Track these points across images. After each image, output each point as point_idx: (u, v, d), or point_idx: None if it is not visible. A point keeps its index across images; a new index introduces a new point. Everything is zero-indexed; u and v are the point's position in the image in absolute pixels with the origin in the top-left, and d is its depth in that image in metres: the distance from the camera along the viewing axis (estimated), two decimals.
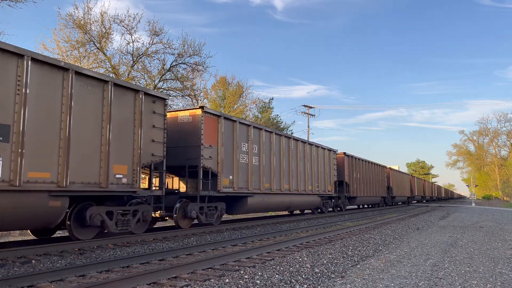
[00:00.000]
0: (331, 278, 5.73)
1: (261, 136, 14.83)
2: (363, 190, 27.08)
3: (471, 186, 56.92)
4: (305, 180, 18.28)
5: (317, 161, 19.90)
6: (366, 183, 27.92)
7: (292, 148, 17.31)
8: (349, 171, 24.54)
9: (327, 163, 21.36)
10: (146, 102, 9.77)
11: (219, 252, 7.80)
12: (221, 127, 12.54)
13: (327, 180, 21.06)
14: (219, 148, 12.39)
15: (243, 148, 13.73)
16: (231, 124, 13.28)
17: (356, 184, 25.70)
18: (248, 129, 14.14)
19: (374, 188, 29.87)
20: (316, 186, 19.53)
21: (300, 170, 17.83)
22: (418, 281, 5.47)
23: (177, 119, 12.40)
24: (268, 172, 15.17)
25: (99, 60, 21.98)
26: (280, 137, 16.52)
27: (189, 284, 5.08)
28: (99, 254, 7.59)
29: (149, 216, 9.99)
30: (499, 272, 6.24)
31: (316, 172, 19.71)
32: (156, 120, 10.08)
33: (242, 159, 13.59)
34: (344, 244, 8.98)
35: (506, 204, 55.55)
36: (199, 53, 24.44)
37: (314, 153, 19.70)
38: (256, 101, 37.99)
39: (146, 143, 9.71)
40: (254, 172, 14.16)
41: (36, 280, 5.12)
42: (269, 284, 5.18)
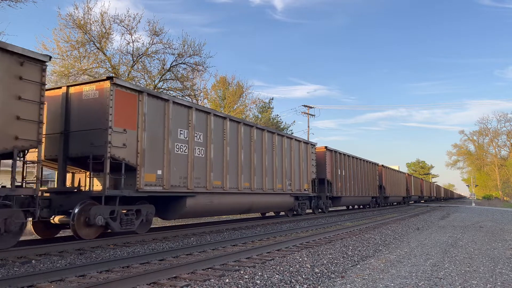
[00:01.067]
0: (331, 278, 5.73)
1: (209, 122, 12.04)
2: (350, 190, 24.61)
3: (471, 186, 56.93)
4: (273, 177, 15.56)
5: (289, 155, 17.16)
6: (354, 182, 25.51)
7: (256, 138, 14.57)
8: (332, 168, 22.03)
9: (303, 158, 18.49)
10: (3, 62, 7.07)
11: (219, 252, 7.80)
12: (143, 106, 9.74)
13: (303, 178, 18.22)
14: (140, 134, 9.59)
15: (181, 135, 10.94)
16: (161, 104, 10.42)
17: (341, 183, 23.27)
18: (189, 112, 11.30)
19: (363, 188, 27.48)
20: (288, 185, 16.80)
21: (266, 165, 15.07)
22: (418, 281, 5.47)
23: (82, 95, 9.62)
24: (219, 167, 12.38)
25: (99, 60, 21.98)
26: (238, 124, 13.72)
27: (189, 284, 5.08)
28: (99, 254, 7.58)
29: (13, 224, 7.15)
30: (499, 272, 6.24)
31: (288, 168, 16.90)
32: (25, 90, 7.37)
33: (179, 150, 10.82)
34: (344, 244, 8.98)
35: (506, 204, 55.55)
36: (199, 53, 24.42)
37: (286, 146, 16.88)
38: (256, 101, 38.02)
39: (5, 120, 7.07)
40: (197, 166, 11.40)
41: (36, 280, 5.12)
42: (269, 284, 5.18)
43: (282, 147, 16.57)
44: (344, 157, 24.34)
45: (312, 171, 19.48)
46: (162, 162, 10.29)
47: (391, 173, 36.02)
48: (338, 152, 23.34)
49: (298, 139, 18.28)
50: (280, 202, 16.68)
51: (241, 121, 14.11)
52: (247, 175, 13.96)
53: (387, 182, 34.07)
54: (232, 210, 14.16)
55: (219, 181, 12.47)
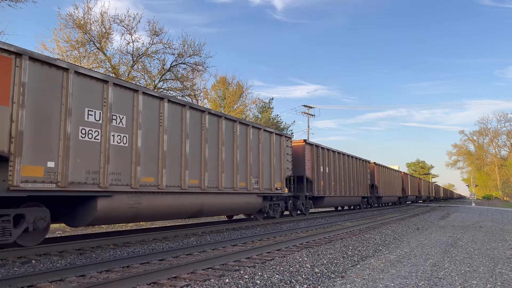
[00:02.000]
0: (331, 278, 5.74)
1: (136, 102, 9.46)
2: (335, 189, 22.04)
3: (471, 186, 56.93)
4: (233, 174, 13.02)
5: (257, 148, 14.63)
6: (340, 180, 23.05)
7: (208, 126, 11.91)
8: (312, 165, 19.42)
9: (275, 152, 15.94)
10: None
11: (219, 252, 7.80)
12: (21, 74, 7.12)
13: (275, 175, 15.60)
14: (16, 111, 7.02)
15: (89, 117, 8.39)
16: (56, 74, 7.77)
17: (324, 181, 20.71)
18: (104, 88, 8.70)
19: (352, 187, 25.03)
20: (255, 183, 14.28)
21: (223, 159, 12.48)
22: (418, 281, 5.47)
23: None
24: (151, 160, 9.78)
25: (99, 60, 22.01)
26: (183, 108, 11.00)
27: (189, 284, 5.08)
28: (99, 254, 7.59)
29: None
30: (499, 272, 6.24)
31: (254, 163, 14.33)
32: None
33: (86, 136, 8.28)
34: (344, 244, 8.98)
35: (506, 204, 55.55)
36: (199, 53, 24.48)
37: (252, 137, 14.29)
38: (256, 101, 38.08)
39: None
40: (115, 158, 8.83)
41: (36, 280, 5.12)
42: (269, 284, 5.18)
43: (246, 138, 13.97)
44: (328, 152, 21.69)
45: (287, 167, 16.75)
46: (57, 151, 7.68)
47: (384, 172, 33.70)
48: (321, 147, 20.67)
49: (268, 130, 15.66)
50: (244, 203, 13.77)
51: (187, 104, 11.24)
52: (195, 170, 11.27)
53: (380, 181, 31.82)
54: (172, 214, 10.90)
55: (152, 178, 9.79)
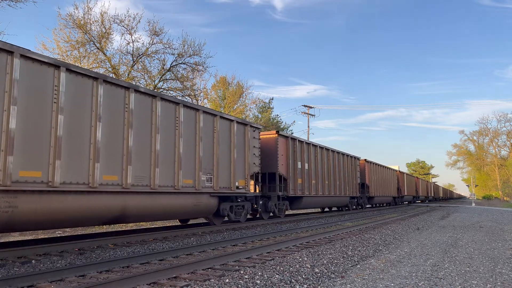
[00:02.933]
0: (331, 278, 5.73)
1: None
2: (316, 188, 19.39)
3: (471, 186, 56.92)
4: (174, 169, 10.45)
5: (211, 139, 12.00)
6: (323, 179, 20.34)
7: (134, 107, 9.31)
8: (287, 160, 16.77)
9: (237, 144, 13.24)
10: None
11: (219, 252, 7.80)
12: None
13: (237, 171, 13.11)
14: None
15: None
16: None
17: (303, 179, 18.03)
18: None
19: (337, 186, 22.31)
20: (207, 180, 11.61)
21: (158, 150, 9.89)
22: (418, 281, 5.47)
23: None
24: (32, 146, 7.33)
25: (99, 60, 22.00)
26: (95, 82, 8.50)
27: (189, 284, 5.08)
28: (99, 254, 7.59)
29: None
30: (499, 272, 6.24)
31: (207, 157, 11.68)
32: None
33: None
34: (344, 244, 8.98)
35: (506, 204, 55.56)
36: (199, 53, 24.48)
37: (203, 125, 11.59)
38: (256, 101, 38.08)
39: None
40: None
41: (36, 280, 5.12)
42: (269, 284, 5.18)
43: (195, 126, 11.31)
44: (308, 147, 19.03)
45: (254, 162, 14.14)
46: None
47: (377, 170, 31.10)
48: (298, 140, 18.04)
49: (227, 117, 12.98)
50: (190, 205, 11.10)
51: (99, 77, 8.56)
52: (114, 163, 8.76)
53: (372, 179, 29.38)
54: (74, 220, 8.18)
55: (37, 171, 7.35)
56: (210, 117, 12.13)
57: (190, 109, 11.27)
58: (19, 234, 11.55)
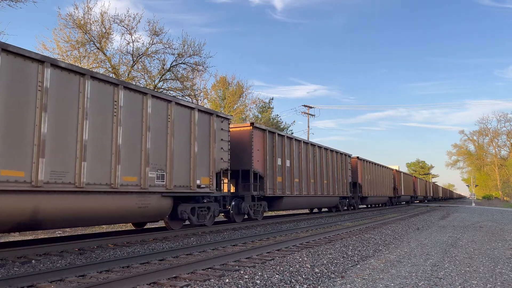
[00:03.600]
0: (331, 278, 5.74)
1: None
2: (299, 187, 17.71)
3: (471, 186, 56.93)
4: (111, 163, 8.72)
5: (163, 129, 10.29)
6: (308, 177, 18.62)
7: (49, 86, 7.54)
8: (264, 156, 15.27)
9: (199, 136, 11.51)
10: None
11: (219, 252, 7.81)
12: None
13: (200, 167, 11.37)
14: None
15: None
16: None
17: (283, 177, 16.33)
18: None
19: (325, 185, 20.59)
20: (158, 177, 9.98)
21: (85, 140, 8.10)
22: (418, 281, 5.48)
23: None
24: None
25: (99, 60, 22.00)
26: None
27: (189, 284, 5.08)
28: (99, 254, 7.59)
29: None
30: (499, 272, 6.24)
31: (158, 149, 10.06)
32: None
33: None
34: (344, 244, 8.98)
35: (506, 204, 55.57)
36: (199, 53, 24.47)
37: (152, 112, 9.92)
38: (256, 101, 38.09)
39: None
40: None
41: (36, 280, 5.12)
42: (269, 284, 5.18)
43: (141, 113, 9.59)
44: (290, 142, 17.44)
45: (221, 157, 12.46)
46: None
47: (371, 168, 29.25)
48: (278, 134, 16.41)
49: (186, 105, 11.18)
50: (134, 207, 9.27)
51: (4, 47, 6.88)
52: (19, 154, 7.02)
53: (365, 178, 27.53)
54: None
55: None
56: (162, 103, 10.35)
57: (134, 92, 9.50)
58: (19, 234, 11.56)
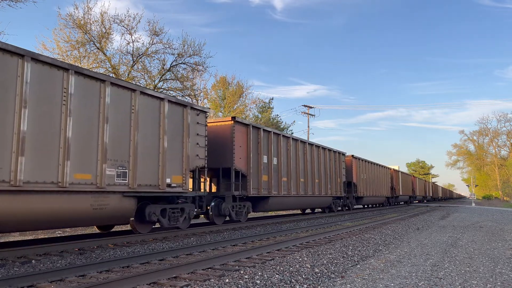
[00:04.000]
0: (331, 278, 5.74)
1: None
2: (287, 187, 16.63)
3: (471, 186, 56.93)
4: (58, 158, 7.68)
5: (126, 120, 9.26)
6: (297, 176, 17.58)
7: None
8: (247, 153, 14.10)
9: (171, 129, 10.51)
10: None
11: (219, 252, 7.81)
12: None
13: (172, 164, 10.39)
14: None
15: None
16: None
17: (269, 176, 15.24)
18: None
19: (317, 184, 19.46)
20: (119, 176, 8.90)
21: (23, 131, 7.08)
22: (418, 281, 5.47)
23: None
24: None
25: (99, 60, 22.00)
26: None
27: (189, 284, 5.08)
28: (99, 254, 7.59)
29: None
30: (499, 272, 6.24)
31: (118, 142, 8.98)
32: None
33: None
34: (344, 244, 8.98)
35: (506, 204, 55.57)
36: (199, 53, 24.48)
37: (111, 101, 8.81)
38: (256, 101, 38.07)
39: None
40: None
41: (36, 280, 5.12)
42: (269, 284, 5.18)
43: (100, 102, 8.56)
44: (278, 138, 16.28)
45: (197, 154, 11.39)
46: None
47: (367, 167, 28.09)
48: (263, 129, 15.30)
49: (153, 94, 10.05)
50: (86, 208, 8.13)
51: None
52: None
53: (361, 178, 26.42)
54: None
55: None
56: (124, 92, 9.25)
57: (88, 79, 8.35)
58: (19, 234, 11.55)
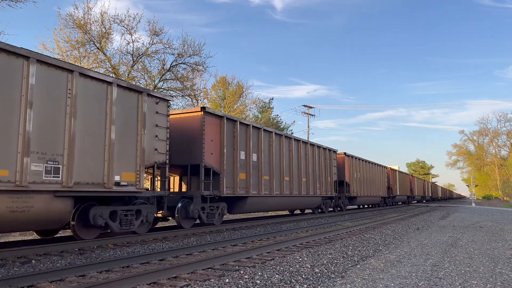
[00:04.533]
0: (331, 278, 5.74)
1: None
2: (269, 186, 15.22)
3: (471, 186, 56.92)
4: None
5: (61, 104, 7.86)
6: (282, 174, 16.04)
7: None
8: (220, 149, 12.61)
9: (121, 118, 9.18)
10: None
11: (219, 252, 7.81)
12: None
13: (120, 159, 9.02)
14: None
15: None
16: None
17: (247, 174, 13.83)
18: None
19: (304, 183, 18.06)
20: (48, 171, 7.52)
21: None
22: (418, 281, 5.47)
23: None
24: None
25: (99, 60, 22.01)
26: None
27: (189, 284, 5.08)
28: (99, 254, 7.59)
29: None
30: (499, 272, 6.24)
31: (48, 131, 7.61)
32: None
33: None
34: (344, 244, 8.98)
35: (506, 204, 55.57)
36: (199, 53, 24.50)
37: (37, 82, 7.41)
38: (256, 101, 38.05)
39: None
40: None
41: (36, 280, 5.12)
42: (269, 284, 5.18)
43: (22, 83, 7.17)
44: (258, 132, 14.56)
45: (155, 148, 10.05)
46: None
47: (360, 165, 26.55)
48: (240, 122, 13.60)
49: (97, 77, 8.66)
50: (3, 212, 6.74)
51: None
52: None
53: (354, 177, 24.92)
54: None
55: None
56: (58, 73, 7.81)
57: (6, 54, 6.91)
58: (19, 234, 11.55)
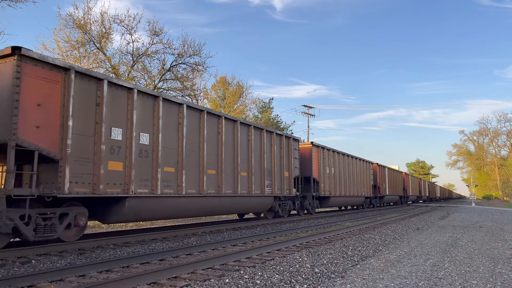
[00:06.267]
0: (331, 278, 5.74)
1: None
2: (169, 181, 10.59)
3: (471, 186, 56.87)
4: None
5: None
6: (197, 166, 11.15)
7: None
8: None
9: None
10: None
11: (219, 252, 7.80)
12: None
13: None
14: None
15: None
16: None
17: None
18: None
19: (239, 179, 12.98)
20: None
21: None
22: (418, 281, 5.47)
23: None
24: None
25: (99, 60, 21.98)
26: None
27: (189, 284, 5.08)
28: (99, 254, 7.59)
29: None
30: (499, 272, 6.24)
31: None
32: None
33: None
34: (344, 244, 8.98)
35: (506, 204, 55.55)
36: (199, 53, 24.45)
37: None
38: (256, 101, 37.99)
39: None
40: None
41: (36, 280, 5.12)
42: (269, 284, 5.18)
43: None
44: (153, 101, 9.73)
45: None
46: None
47: (335, 159, 22.22)
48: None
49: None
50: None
51: None
52: None
53: (325, 173, 20.61)
54: None
55: None
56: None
57: None
58: None
